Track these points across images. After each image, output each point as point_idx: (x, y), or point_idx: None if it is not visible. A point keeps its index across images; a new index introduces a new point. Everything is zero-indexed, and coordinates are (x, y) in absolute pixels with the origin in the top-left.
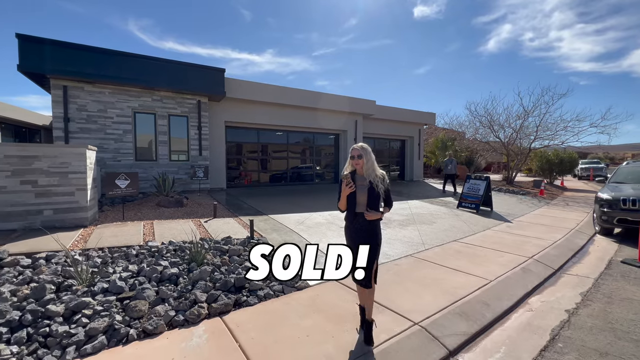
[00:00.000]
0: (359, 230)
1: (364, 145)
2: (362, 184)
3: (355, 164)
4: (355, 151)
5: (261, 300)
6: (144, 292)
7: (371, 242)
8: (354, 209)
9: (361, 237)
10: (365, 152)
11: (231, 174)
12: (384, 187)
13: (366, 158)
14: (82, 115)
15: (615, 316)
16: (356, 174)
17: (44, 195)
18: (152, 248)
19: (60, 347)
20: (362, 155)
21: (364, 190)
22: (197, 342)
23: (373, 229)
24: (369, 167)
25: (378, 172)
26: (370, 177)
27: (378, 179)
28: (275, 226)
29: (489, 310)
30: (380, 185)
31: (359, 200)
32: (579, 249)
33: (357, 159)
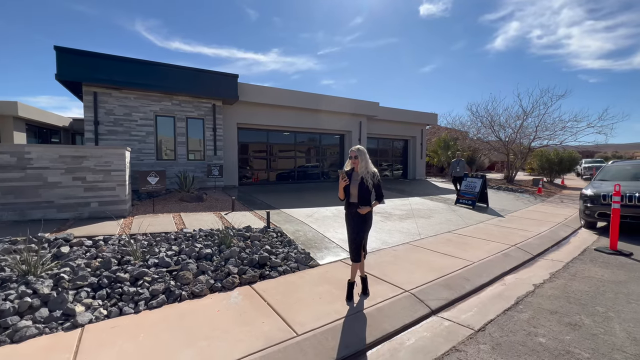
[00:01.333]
0: (353, 215)
1: (361, 147)
2: (356, 179)
3: (353, 163)
4: (353, 152)
5: (281, 274)
6: (187, 265)
7: (362, 225)
8: (348, 199)
9: (355, 221)
10: (361, 153)
11: (242, 172)
12: (372, 182)
13: (361, 158)
14: (110, 118)
15: (572, 288)
16: (353, 171)
17: (91, 189)
18: (187, 234)
19: (133, 302)
20: (357, 155)
21: (356, 184)
22: (234, 301)
23: (364, 215)
24: (362, 166)
25: (370, 170)
26: (362, 174)
27: (369, 176)
28: (287, 218)
29: (469, 284)
30: (369, 180)
31: (352, 192)
32: (561, 239)
33: (354, 159)
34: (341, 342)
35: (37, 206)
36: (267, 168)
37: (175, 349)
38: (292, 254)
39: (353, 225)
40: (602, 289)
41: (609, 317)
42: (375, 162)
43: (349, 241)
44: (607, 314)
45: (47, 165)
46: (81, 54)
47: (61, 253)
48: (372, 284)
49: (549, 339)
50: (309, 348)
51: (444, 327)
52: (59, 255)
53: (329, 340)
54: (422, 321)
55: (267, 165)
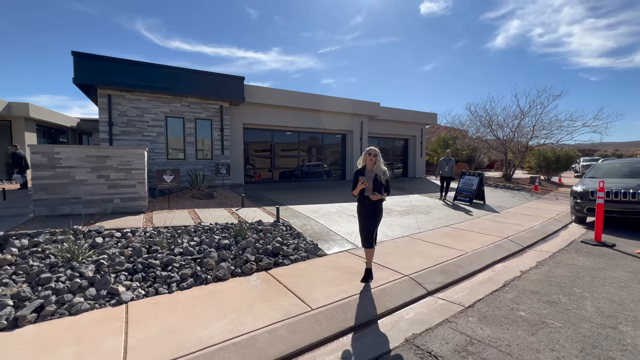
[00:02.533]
0: (367, 207)
1: (377, 149)
2: (370, 176)
3: (370, 160)
4: (373, 150)
5: (293, 262)
6: (210, 254)
7: (375, 215)
8: (363, 193)
9: (368, 212)
10: (378, 153)
11: (248, 171)
12: (385, 178)
13: (378, 157)
14: (123, 120)
15: (555, 274)
16: (365, 168)
17: (114, 187)
18: (205, 227)
19: (166, 284)
20: (376, 154)
21: (370, 180)
22: (254, 284)
23: (376, 206)
24: (379, 165)
25: (383, 168)
26: (377, 171)
27: (381, 173)
28: (294, 214)
29: (462, 270)
30: (382, 177)
31: (367, 187)
32: (551, 233)
33: (373, 156)
34: (349, 315)
35: (65, 202)
36: (271, 167)
37: (209, 319)
38: (302, 245)
39: (366, 216)
40: (582, 274)
41: (583, 296)
42: None
43: (363, 230)
44: (582, 294)
45: (75, 165)
46: (97, 59)
47: (96, 243)
48: (375, 270)
49: (528, 313)
50: (323, 319)
51: (439, 304)
52: (94, 245)
53: (340, 314)
54: (419, 300)
55: (272, 164)
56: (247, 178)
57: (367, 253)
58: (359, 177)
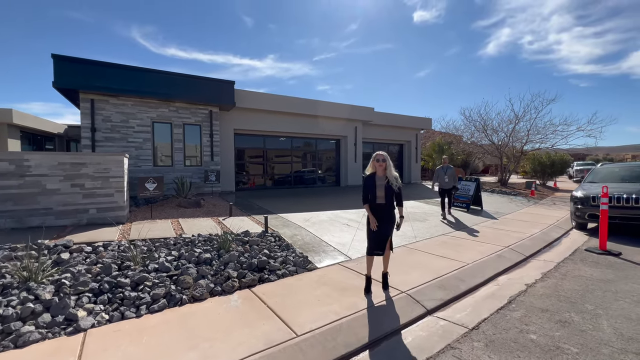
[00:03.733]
0: (380, 215)
1: (385, 152)
2: (381, 183)
3: (379, 166)
4: (380, 156)
5: (279, 277)
6: (187, 270)
7: (389, 222)
8: (375, 201)
9: (381, 219)
10: (387, 157)
11: (239, 177)
12: (397, 185)
13: (388, 162)
14: (107, 125)
15: (563, 287)
16: (376, 175)
17: (89, 196)
18: (186, 239)
19: (134, 306)
20: (385, 159)
21: (382, 187)
22: (234, 304)
23: (390, 214)
24: (390, 170)
25: (394, 174)
26: (390, 177)
27: (394, 179)
28: (285, 223)
29: (463, 284)
30: (395, 183)
31: (378, 194)
32: (553, 240)
33: (382, 162)
34: (340, 341)
35: (35, 213)
36: (263, 173)
37: (178, 351)
38: (291, 258)
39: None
40: (591, 287)
41: (597, 314)
42: None
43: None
44: (595, 312)
45: (46, 173)
46: (78, 62)
47: (61, 259)
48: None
49: (540, 336)
50: (308, 348)
51: (440, 326)
52: (59, 261)
53: (328, 341)
54: (418, 321)
55: (264, 171)
56: (238, 185)
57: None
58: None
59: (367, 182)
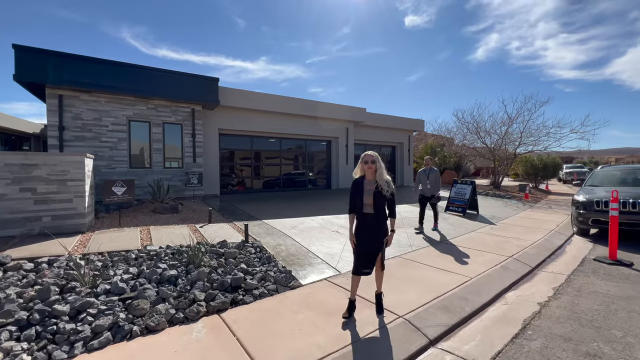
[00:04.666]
0: (368, 227)
1: (375, 153)
2: (370, 188)
3: (368, 168)
4: (369, 157)
5: (256, 298)
6: (145, 292)
7: (378, 236)
8: (362, 210)
9: (370, 233)
10: (377, 158)
11: (225, 180)
12: (389, 191)
13: (378, 164)
14: (77, 123)
15: (581, 307)
16: (364, 178)
17: (43, 202)
18: (151, 252)
19: (69, 343)
20: (375, 160)
21: (370, 193)
22: (196, 336)
23: (379, 226)
24: (381, 172)
25: (385, 178)
26: (380, 181)
27: (384, 183)
28: (269, 230)
29: (468, 305)
30: (386, 188)
31: (366, 202)
32: (557, 248)
33: (371, 164)
34: None
35: None
36: (251, 176)
37: None
38: (271, 273)
39: (367, 238)
40: (613, 306)
41: (628, 343)
42: None
43: (361, 254)
44: (626, 340)
45: None
46: (43, 53)
47: None
48: (361, 307)
49: None
50: None
51: None
52: None
53: None
54: (419, 355)
55: (251, 173)
56: (223, 188)
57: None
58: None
59: (354, 187)
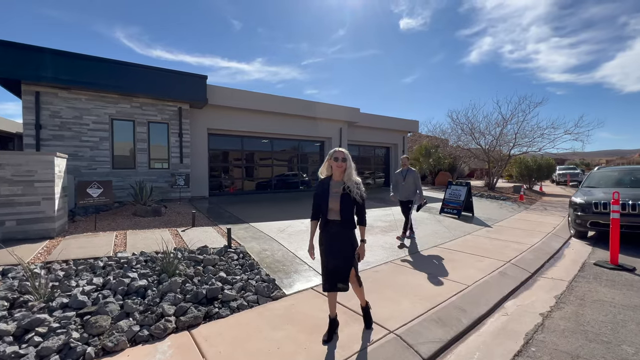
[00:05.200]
0: (333, 236)
1: (345, 150)
2: (337, 190)
3: (338, 167)
4: (340, 153)
5: (234, 311)
6: (106, 306)
7: (347, 248)
8: (326, 216)
9: (335, 244)
10: (348, 156)
11: (214, 181)
12: (359, 194)
13: (349, 163)
14: (56, 122)
15: (586, 318)
16: (331, 179)
17: (6, 205)
18: (121, 259)
19: None
20: (346, 158)
21: (337, 197)
22: (160, 359)
23: (347, 236)
24: (350, 172)
25: (355, 179)
26: (348, 183)
27: (354, 185)
28: (256, 234)
29: (466, 316)
30: (355, 190)
31: (331, 207)
32: (555, 252)
33: (342, 162)
34: None
35: None
36: (241, 177)
37: None
38: (253, 282)
39: (334, 250)
40: (620, 317)
41: None
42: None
43: (328, 269)
44: (639, 357)
45: None
46: (18, 48)
47: None
48: (348, 321)
49: None
50: None
51: None
52: None
53: None
54: None
55: (242, 174)
56: (213, 190)
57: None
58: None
59: (318, 189)
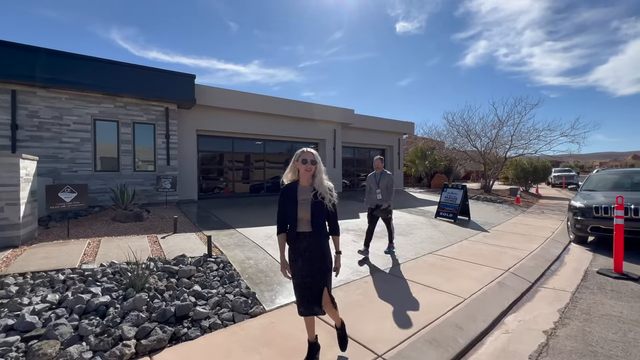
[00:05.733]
0: (304, 251)
1: (314, 151)
2: (305, 197)
3: (307, 170)
4: (309, 155)
5: (205, 332)
6: (57, 328)
7: (320, 264)
8: (295, 228)
9: (307, 259)
10: (318, 158)
11: (204, 184)
12: (332, 201)
13: (319, 166)
14: (34, 122)
15: (594, 337)
16: (299, 184)
17: None
18: (86, 271)
19: None
20: (316, 160)
21: (307, 204)
22: None
23: (320, 250)
24: (321, 178)
25: (327, 184)
26: (320, 189)
27: (325, 191)
28: (241, 241)
29: (462, 335)
30: (327, 197)
31: (300, 216)
32: (555, 259)
33: (311, 164)
34: None
35: None
36: (232, 179)
37: None
38: (230, 297)
39: (304, 266)
40: (631, 335)
41: None
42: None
43: (301, 289)
44: None
45: None
46: None
47: None
48: (332, 343)
49: None
50: None
51: None
52: None
53: None
54: None
55: (233, 177)
56: (203, 193)
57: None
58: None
59: (283, 196)
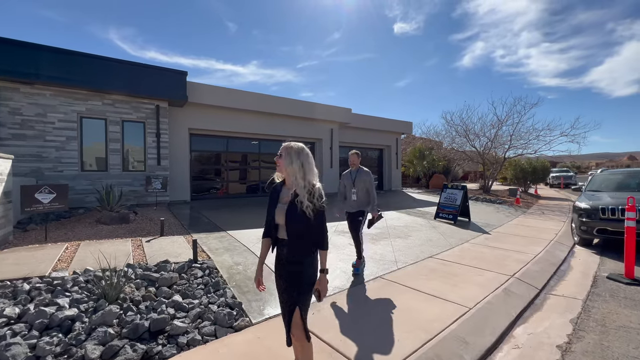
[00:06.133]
0: (281, 262)
1: (298, 144)
2: (286, 199)
3: (277, 166)
4: (282, 148)
5: (182, 349)
6: (9, 349)
7: (292, 280)
8: (276, 233)
9: (283, 271)
10: (290, 151)
11: (196, 185)
12: (312, 206)
13: (289, 159)
14: (16, 119)
15: (615, 352)
16: (284, 184)
17: None
18: (55, 280)
19: None
20: (285, 154)
21: (282, 208)
22: None
23: (297, 262)
24: (291, 173)
25: (306, 183)
26: (297, 189)
27: (305, 194)
28: (231, 245)
29: (469, 352)
30: (306, 202)
31: (278, 221)
32: (561, 262)
33: (278, 158)
34: None
35: None
36: (226, 180)
37: None
38: (214, 308)
39: (279, 277)
40: None
41: None
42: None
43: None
44: None
45: None
46: None
47: None
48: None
49: None
50: None
51: None
52: None
53: None
54: None
55: (227, 177)
56: (196, 194)
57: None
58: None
59: (270, 197)
